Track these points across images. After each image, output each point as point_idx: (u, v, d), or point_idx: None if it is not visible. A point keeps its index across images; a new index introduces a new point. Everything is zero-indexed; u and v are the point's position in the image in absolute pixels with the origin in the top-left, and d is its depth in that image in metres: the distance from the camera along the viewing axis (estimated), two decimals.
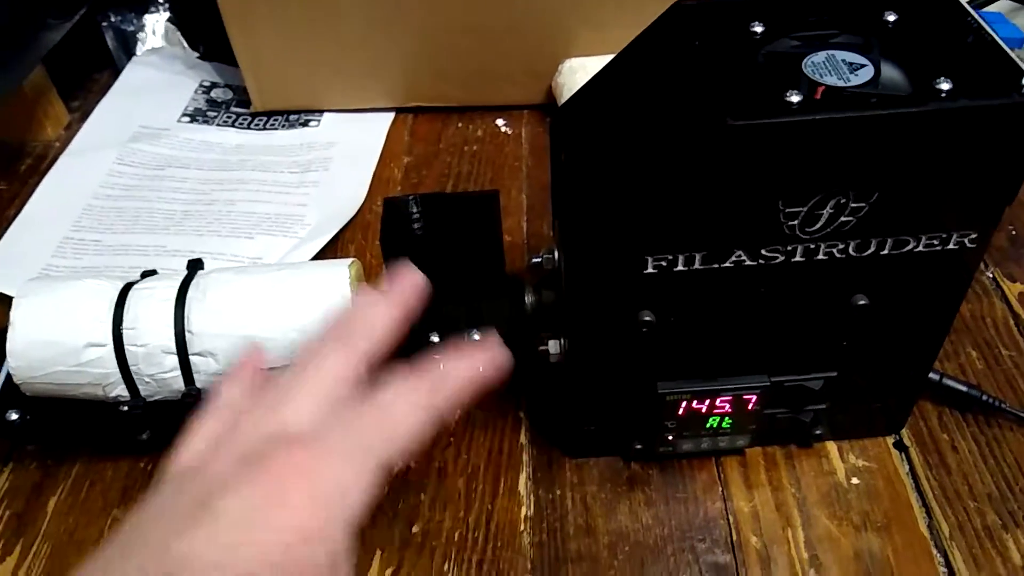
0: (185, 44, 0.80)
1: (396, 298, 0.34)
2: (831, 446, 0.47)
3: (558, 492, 0.46)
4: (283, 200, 0.65)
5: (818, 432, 0.46)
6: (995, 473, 0.45)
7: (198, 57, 0.79)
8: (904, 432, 0.47)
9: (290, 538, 0.26)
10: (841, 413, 0.45)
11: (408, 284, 0.34)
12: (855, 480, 0.45)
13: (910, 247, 0.36)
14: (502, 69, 0.69)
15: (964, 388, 0.48)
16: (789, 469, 0.46)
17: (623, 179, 0.34)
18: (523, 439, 0.48)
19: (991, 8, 0.58)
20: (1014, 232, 0.59)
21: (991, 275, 0.56)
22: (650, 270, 0.36)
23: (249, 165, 0.68)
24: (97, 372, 0.43)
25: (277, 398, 0.30)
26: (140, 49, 0.80)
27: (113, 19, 0.79)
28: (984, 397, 0.47)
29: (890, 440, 0.47)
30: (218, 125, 0.73)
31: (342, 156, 0.69)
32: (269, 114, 0.73)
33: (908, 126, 0.32)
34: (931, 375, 0.47)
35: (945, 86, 0.31)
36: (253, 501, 0.26)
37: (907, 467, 0.46)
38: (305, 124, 0.72)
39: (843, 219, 0.35)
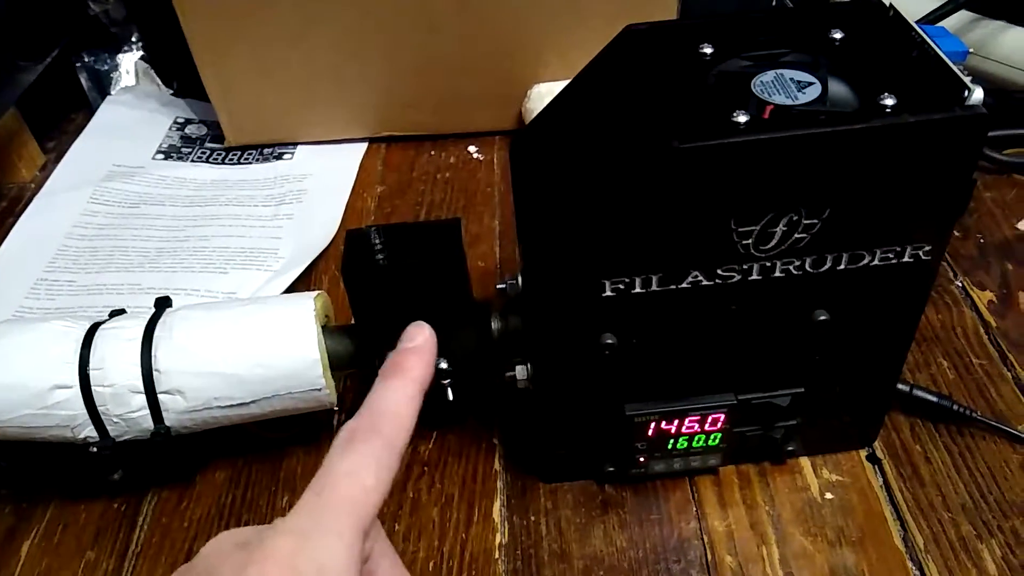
0: (159, 81, 0.80)
1: (416, 374, 0.32)
2: (804, 462, 0.47)
3: (532, 518, 0.45)
4: (257, 234, 0.65)
5: (790, 448, 0.46)
6: (968, 483, 0.45)
7: (172, 94, 0.80)
8: (877, 445, 0.47)
9: None
10: (812, 428, 0.45)
11: (424, 348, 0.34)
12: (829, 495, 0.45)
13: (865, 261, 0.36)
14: (472, 96, 0.70)
15: (935, 399, 0.48)
16: (763, 487, 0.46)
17: (577, 203, 0.34)
18: (497, 465, 0.48)
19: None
20: (983, 240, 0.59)
21: (960, 284, 0.56)
22: (608, 293, 0.36)
23: (223, 200, 0.69)
24: (64, 414, 0.43)
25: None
26: (115, 88, 0.80)
27: (87, 59, 0.79)
28: (955, 407, 0.47)
29: (863, 454, 0.47)
30: (192, 161, 0.73)
31: (316, 188, 0.69)
32: (243, 148, 0.73)
33: (854, 142, 0.32)
34: (901, 386, 0.47)
35: (890, 101, 0.32)
36: None
37: (881, 480, 0.46)
38: (279, 157, 0.73)
39: (797, 236, 0.35)
